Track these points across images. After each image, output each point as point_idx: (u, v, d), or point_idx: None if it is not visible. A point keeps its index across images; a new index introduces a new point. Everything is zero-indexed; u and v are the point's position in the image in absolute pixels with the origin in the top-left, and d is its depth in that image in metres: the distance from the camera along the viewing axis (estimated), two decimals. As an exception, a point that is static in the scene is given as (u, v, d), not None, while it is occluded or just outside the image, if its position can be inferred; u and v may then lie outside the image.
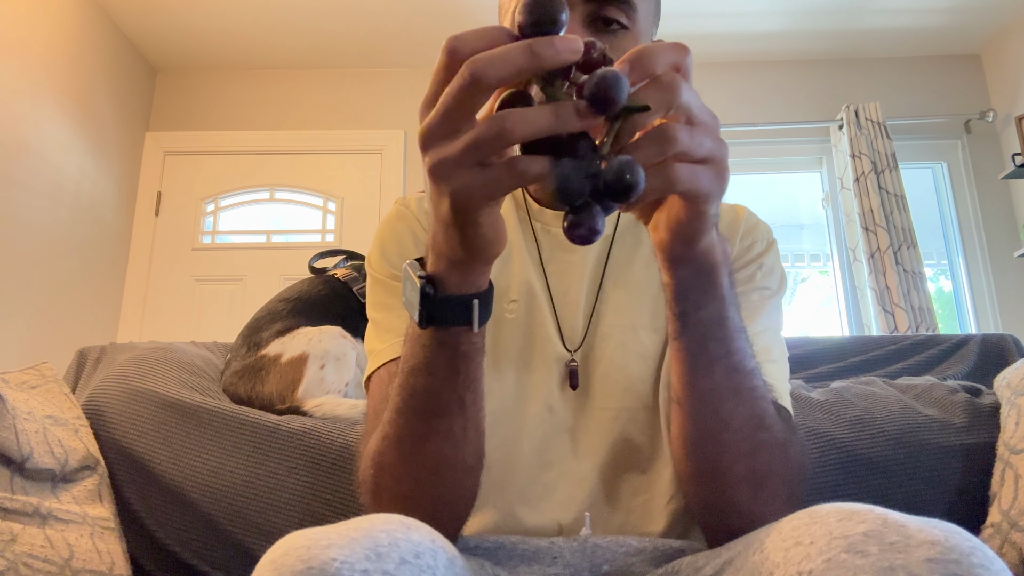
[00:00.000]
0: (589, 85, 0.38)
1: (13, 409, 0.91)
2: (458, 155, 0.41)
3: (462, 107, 0.40)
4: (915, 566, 0.38)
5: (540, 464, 0.69)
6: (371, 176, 3.38)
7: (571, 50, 0.39)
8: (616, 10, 0.66)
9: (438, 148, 0.42)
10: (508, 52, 0.39)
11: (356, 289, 1.47)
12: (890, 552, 0.39)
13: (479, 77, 0.39)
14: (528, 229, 0.76)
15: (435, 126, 0.42)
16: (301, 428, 1.14)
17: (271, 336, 1.35)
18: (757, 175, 3.66)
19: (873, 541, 0.40)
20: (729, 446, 0.58)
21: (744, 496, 0.59)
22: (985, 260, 3.19)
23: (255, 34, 3.26)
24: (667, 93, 0.41)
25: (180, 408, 1.15)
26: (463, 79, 0.39)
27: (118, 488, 1.06)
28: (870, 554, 0.40)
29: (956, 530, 0.41)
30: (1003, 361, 1.25)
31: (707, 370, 0.56)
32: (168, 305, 3.21)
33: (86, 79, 2.96)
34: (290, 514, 1.05)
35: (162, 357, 1.26)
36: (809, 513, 0.46)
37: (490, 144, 0.40)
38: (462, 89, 0.39)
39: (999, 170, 3.20)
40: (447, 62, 0.41)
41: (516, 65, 0.38)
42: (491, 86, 0.39)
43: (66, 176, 2.82)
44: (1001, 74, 3.30)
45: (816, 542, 0.42)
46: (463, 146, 0.41)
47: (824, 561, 0.41)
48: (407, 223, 0.78)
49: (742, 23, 3.24)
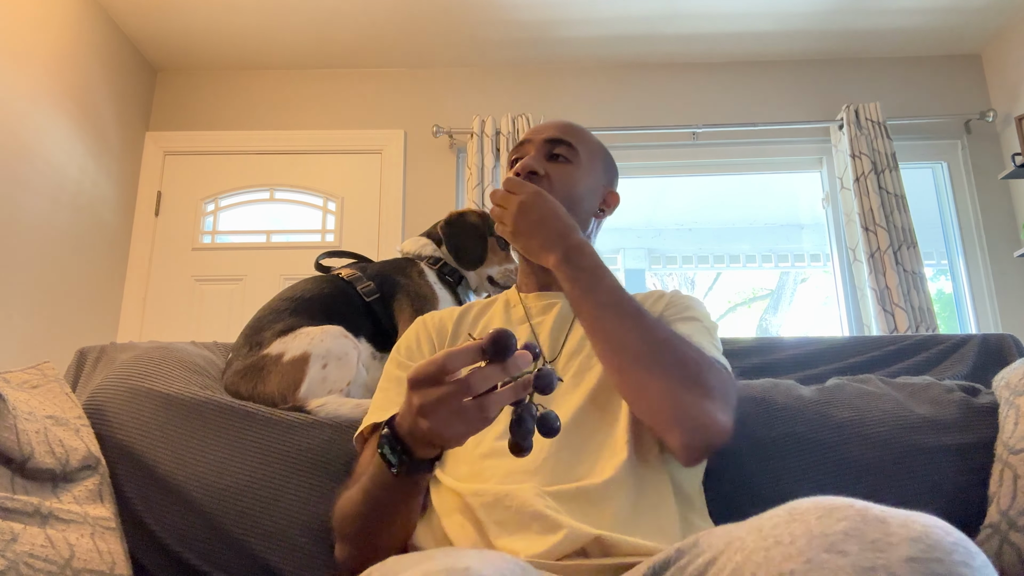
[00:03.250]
0: (539, 378, 0.65)
1: (14, 409, 0.91)
2: (436, 400, 0.65)
3: (446, 393, 0.65)
4: (896, 566, 0.39)
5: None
6: (371, 176, 3.38)
7: (527, 363, 0.64)
8: (562, 149, 1.06)
9: (423, 395, 0.66)
10: (491, 373, 0.64)
11: (360, 288, 1.47)
12: (871, 551, 0.40)
13: (469, 388, 0.64)
14: (520, 305, 1.09)
15: (422, 380, 0.66)
16: (307, 428, 1.14)
17: (273, 335, 1.35)
18: (757, 175, 3.66)
19: (853, 540, 0.41)
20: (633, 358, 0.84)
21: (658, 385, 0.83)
22: (985, 260, 3.19)
23: (255, 34, 3.27)
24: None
25: (184, 406, 1.15)
26: (462, 387, 0.64)
27: (119, 488, 1.05)
28: (850, 553, 0.40)
29: (938, 524, 0.41)
30: (1003, 361, 1.25)
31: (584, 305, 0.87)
32: (168, 305, 3.21)
33: (86, 79, 2.96)
34: (293, 515, 1.04)
35: (163, 356, 1.26)
36: (788, 510, 0.47)
37: (460, 393, 0.64)
38: (459, 392, 0.64)
39: (999, 170, 3.20)
40: (439, 372, 0.65)
41: (494, 380, 0.64)
42: (475, 394, 0.64)
43: (66, 176, 2.83)
44: (1001, 74, 3.31)
45: (796, 541, 0.43)
46: (441, 394, 0.64)
47: (805, 562, 0.41)
48: (423, 329, 1.09)
49: (742, 23, 3.24)
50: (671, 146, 3.42)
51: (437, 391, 0.65)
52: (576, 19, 3.20)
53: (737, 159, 3.44)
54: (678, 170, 3.52)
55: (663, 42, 3.37)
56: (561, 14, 3.16)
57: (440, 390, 0.65)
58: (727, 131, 3.37)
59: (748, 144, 3.40)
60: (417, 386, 0.67)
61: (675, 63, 3.51)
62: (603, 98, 3.47)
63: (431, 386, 0.65)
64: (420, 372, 0.66)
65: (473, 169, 3.19)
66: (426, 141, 3.39)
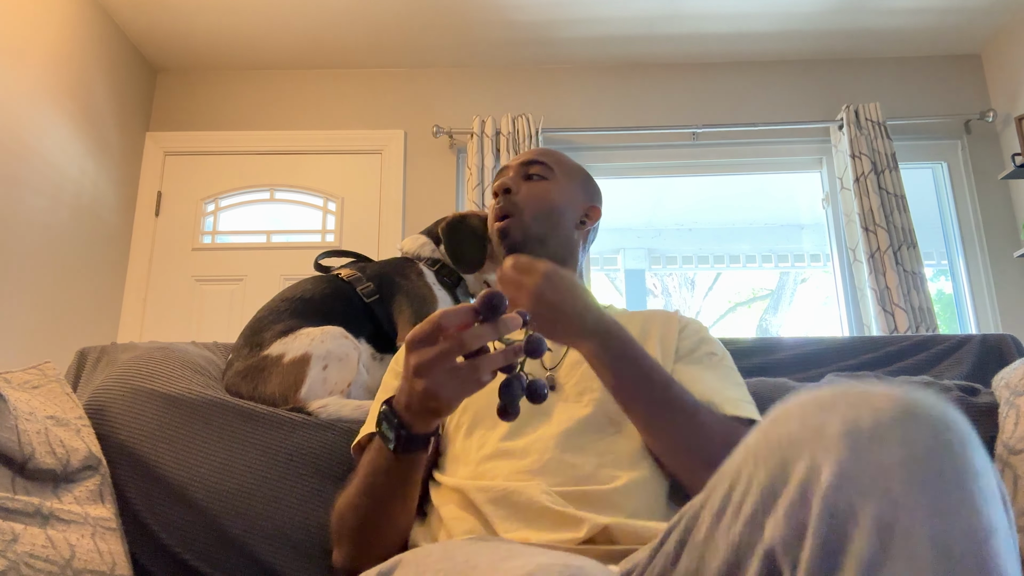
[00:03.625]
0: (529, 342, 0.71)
1: (15, 409, 0.92)
2: (432, 358, 0.69)
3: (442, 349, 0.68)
4: (878, 400, 0.44)
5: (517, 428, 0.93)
6: (371, 176, 3.38)
7: (516, 326, 0.68)
8: (537, 169, 1.15)
9: (419, 354, 0.70)
10: (485, 333, 0.67)
11: (360, 289, 1.46)
12: (856, 399, 0.45)
13: (463, 345, 0.67)
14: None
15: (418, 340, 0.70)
16: (311, 429, 1.14)
17: (273, 336, 1.34)
18: (757, 175, 3.66)
19: (840, 398, 0.46)
20: (665, 434, 0.86)
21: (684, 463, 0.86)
22: (985, 260, 3.19)
23: (256, 34, 3.27)
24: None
25: (187, 406, 1.14)
26: (456, 343, 0.67)
27: (120, 488, 1.05)
28: (837, 407, 0.45)
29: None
30: (1003, 361, 1.25)
31: (636, 402, 0.86)
32: (168, 305, 3.21)
33: (86, 79, 2.96)
34: (295, 517, 1.04)
35: (165, 356, 1.26)
36: (775, 410, 0.51)
37: (454, 350, 0.68)
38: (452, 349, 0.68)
39: (999, 170, 3.21)
40: (434, 331, 0.69)
41: (486, 338, 0.68)
42: (469, 351, 0.68)
43: (66, 176, 2.83)
44: (1001, 74, 3.31)
45: (791, 409, 0.48)
46: (437, 352, 0.68)
47: (800, 423, 0.46)
48: None
49: (742, 24, 3.24)
50: (671, 146, 3.42)
51: (432, 349, 0.69)
52: (576, 19, 3.20)
53: (737, 159, 3.44)
54: (678, 170, 3.52)
55: (663, 42, 3.37)
56: (561, 14, 3.16)
57: (435, 348, 0.68)
58: (727, 131, 3.37)
59: (748, 144, 3.40)
60: (414, 346, 0.70)
61: (675, 63, 3.51)
62: (603, 98, 3.47)
63: (427, 345, 0.69)
64: (416, 332, 0.70)
65: (473, 169, 3.19)
66: (426, 141, 3.39)
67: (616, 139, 3.41)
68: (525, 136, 3.21)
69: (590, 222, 1.18)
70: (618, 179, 3.53)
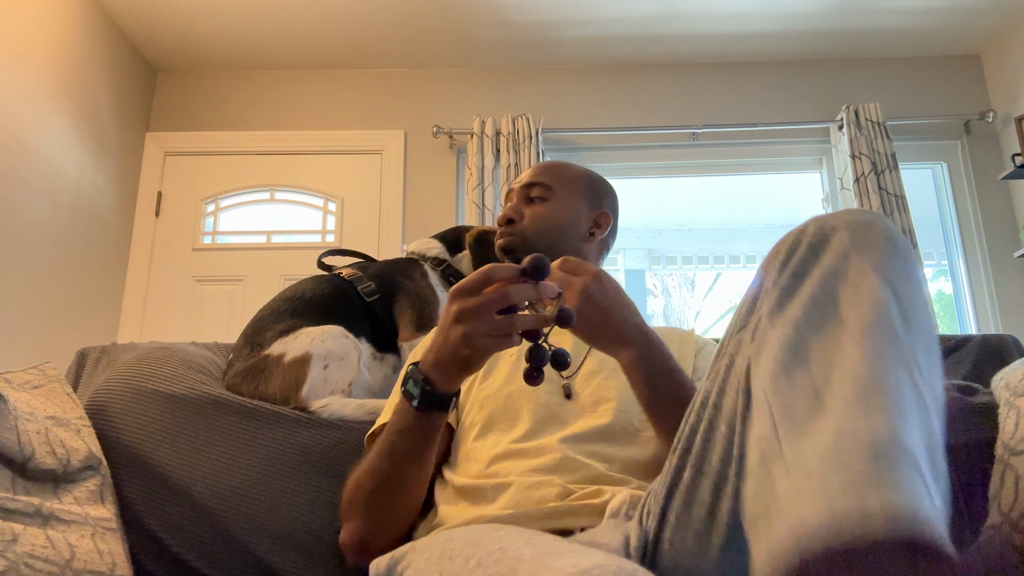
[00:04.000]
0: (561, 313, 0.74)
1: (15, 410, 0.91)
2: (475, 306, 0.72)
3: (486, 297, 0.72)
4: (839, 216, 0.59)
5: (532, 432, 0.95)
6: (371, 176, 3.38)
7: (553, 293, 0.74)
8: (537, 191, 1.19)
9: (463, 302, 0.73)
10: (527, 291, 0.72)
11: (361, 289, 1.46)
12: (845, 213, 0.60)
13: (507, 296, 0.71)
14: None
15: (465, 289, 0.73)
16: (315, 428, 1.13)
17: (274, 336, 1.34)
18: (757, 175, 3.66)
19: (835, 214, 0.61)
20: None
21: None
22: (985, 260, 3.19)
23: (256, 34, 3.27)
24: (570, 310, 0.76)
25: (190, 406, 1.14)
26: (500, 294, 0.71)
27: (122, 488, 1.05)
28: (836, 215, 0.60)
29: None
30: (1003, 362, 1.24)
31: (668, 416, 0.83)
32: (168, 305, 3.21)
33: (86, 79, 2.96)
34: (299, 518, 1.04)
35: (166, 356, 1.26)
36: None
37: (498, 300, 0.71)
38: (497, 299, 0.71)
39: (999, 170, 3.21)
40: (484, 279, 0.73)
41: (527, 296, 0.72)
42: (512, 303, 0.72)
43: (66, 176, 2.83)
44: (1001, 74, 3.31)
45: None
46: (480, 300, 0.72)
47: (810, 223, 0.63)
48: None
49: (742, 24, 3.24)
50: (671, 146, 3.42)
51: (477, 299, 0.73)
52: (576, 19, 3.20)
53: (737, 159, 3.44)
54: (678, 170, 3.52)
55: (663, 42, 3.37)
56: (561, 14, 3.16)
57: (480, 298, 0.73)
58: (727, 131, 3.37)
59: (748, 144, 3.40)
60: (459, 295, 0.74)
61: (675, 63, 3.51)
62: (603, 98, 3.47)
63: (472, 295, 0.74)
64: (464, 282, 0.74)
65: (473, 169, 3.19)
66: (426, 141, 3.39)
67: (616, 139, 3.40)
68: (525, 136, 3.21)
69: (600, 231, 1.20)
70: (618, 179, 3.52)
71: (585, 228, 1.18)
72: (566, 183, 1.20)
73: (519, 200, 1.20)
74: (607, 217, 1.21)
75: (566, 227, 1.16)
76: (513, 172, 3.18)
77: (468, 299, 0.73)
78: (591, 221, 1.19)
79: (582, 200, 1.20)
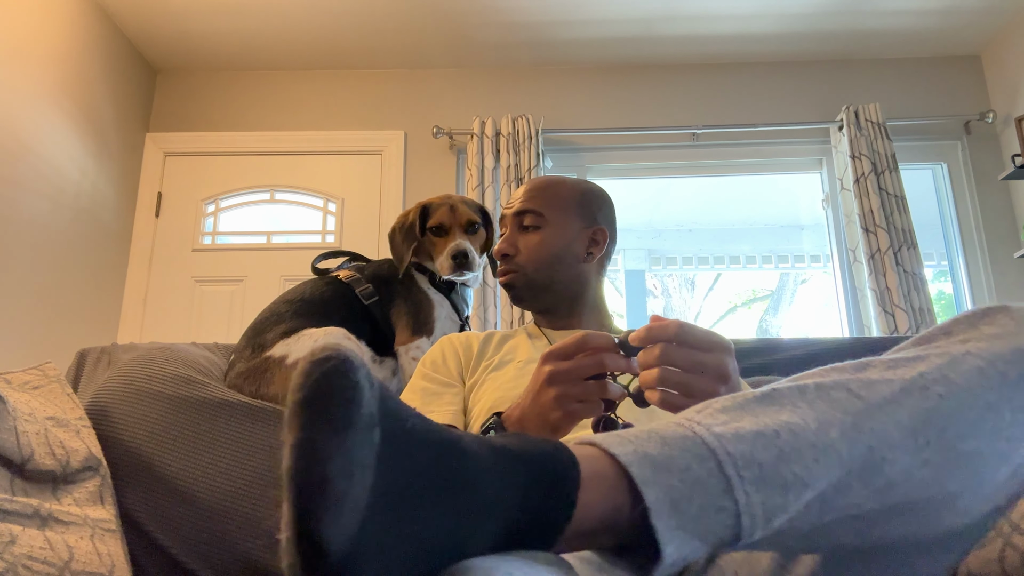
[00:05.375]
0: (638, 393, 0.74)
1: (14, 411, 0.91)
2: (568, 369, 0.73)
3: (581, 363, 0.73)
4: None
5: None
6: (371, 177, 3.38)
7: (638, 370, 0.72)
8: (529, 219, 1.18)
9: (557, 365, 0.74)
10: (619, 361, 0.72)
11: (359, 291, 1.46)
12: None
13: (599, 366, 0.72)
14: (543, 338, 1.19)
15: (560, 353, 0.75)
16: None
17: (275, 337, 1.34)
18: (757, 176, 3.66)
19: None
20: None
21: None
22: (985, 261, 3.18)
23: (255, 35, 3.27)
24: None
25: (192, 406, 1.13)
26: (595, 361, 0.72)
27: (122, 490, 1.04)
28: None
29: None
30: (1003, 362, 1.24)
31: None
32: (168, 306, 3.21)
33: (86, 80, 2.96)
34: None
35: (167, 357, 1.26)
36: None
37: (590, 368, 0.72)
38: (591, 365, 0.73)
39: (999, 171, 3.20)
40: (580, 345, 0.74)
41: (620, 368, 0.73)
42: (604, 371, 0.73)
43: (66, 177, 2.83)
44: (1001, 75, 3.31)
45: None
46: (574, 364, 0.73)
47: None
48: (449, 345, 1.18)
49: (742, 24, 3.24)
50: (671, 147, 3.42)
51: (571, 363, 0.74)
52: (576, 20, 3.20)
53: (737, 160, 3.44)
54: (678, 171, 3.52)
55: (663, 43, 3.37)
56: (561, 15, 3.16)
57: (574, 362, 0.74)
58: (727, 132, 3.37)
59: (748, 145, 3.40)
60: (552, 358, 0.75)
61: (675, 64, 3.51)
62: (603, 98, 3.47)
63: (565, 358, 0.74)
64: (559, 346, 0.75)
65: (473, 170, 3.19)
66: (426, 142, 3.39)
67: (616, 139, 3.40)
68: (525, 136, 3.21)
69: (598, 248, 1.19)
70: (618, 179, 3.53)
71: (582, 249, 1.18)
72: (557, 205, 1.19)
73: (512, 230, 1.20)
74: (603, 233, 1.20)
75: (563, 254, 1.16)
76: (513, 172, 3.18)
77: (562, 363, 0.74)
78: (587, 240, 1.19)
79: (575, 220, 1.19)
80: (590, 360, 0.73)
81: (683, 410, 0.73)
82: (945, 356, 0.54)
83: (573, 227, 1.18)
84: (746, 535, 0.45)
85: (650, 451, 0.46)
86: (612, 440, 0.48)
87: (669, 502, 0.44)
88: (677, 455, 0.46)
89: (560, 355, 0.75)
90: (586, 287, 1.19)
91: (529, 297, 1.18)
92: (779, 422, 0.48)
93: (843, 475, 0.47)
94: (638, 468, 0.45)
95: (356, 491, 0.37)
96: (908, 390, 0.51)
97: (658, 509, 0.44)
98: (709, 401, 0.53)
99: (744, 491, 0.45)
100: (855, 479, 0.47)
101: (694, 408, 0.52)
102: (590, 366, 0.72)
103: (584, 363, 0.73)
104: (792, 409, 0.50)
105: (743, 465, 0.46)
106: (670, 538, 0.43)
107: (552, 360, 0.75)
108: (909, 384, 0.52)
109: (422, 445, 0.41)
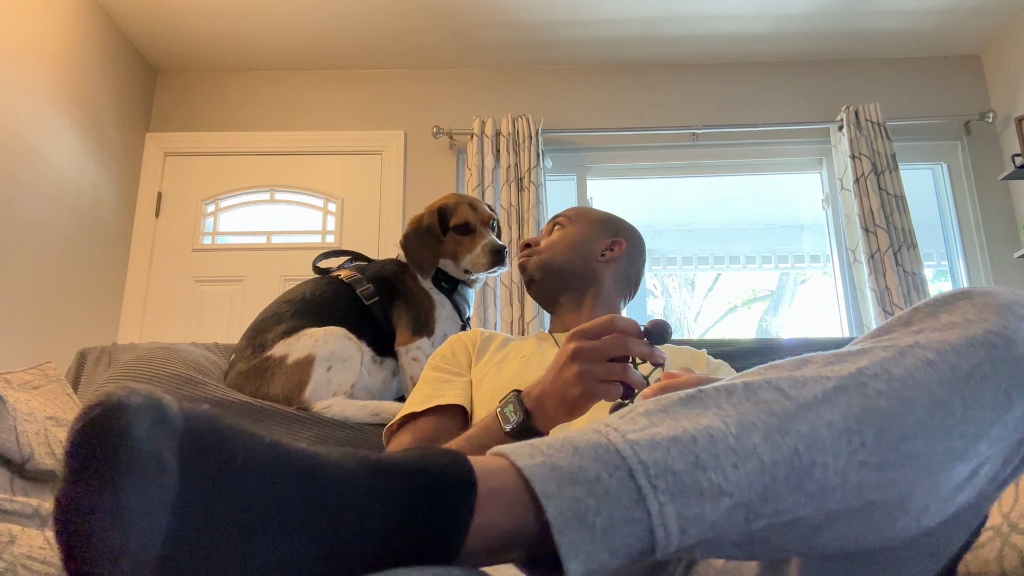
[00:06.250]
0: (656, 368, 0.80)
1: (14, 410, 0.91)
2: (593, 347, 0.76)
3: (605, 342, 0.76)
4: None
5: None
6: (371, 177, 3.38)
7: (663, 358, 0.77)
8: (560, 220, 1.30)
9: (583, 342, 0.76)
10: (642, 347, 0.75)
11: (360, 291, 1.46)
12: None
13: (623, 347, 0.75)
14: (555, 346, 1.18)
15: (587, 332, 0.77)
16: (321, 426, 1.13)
17: (276, 337, 1.34)
18: (757, 176, 3.66)
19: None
20: None
21: None
22: (985, 261, 3.18)
23: (255, 35, 3.27)
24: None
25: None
26: (619, 342, 0.75)
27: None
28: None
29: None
30: (1003, 362, 1.24)
31: None
32: (168, 306, 3.21)
33: (86, 80, 2.96)
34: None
35: (167, 356, 1.26)
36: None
37: (614, 347, 0.75)
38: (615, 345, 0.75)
39: (999, 171, 3.20)
40: (607, 327, 0.76)
41: (642, 353, 0.76)
42: (627, 354, 0.75)
43: (67, 177, 2.83)
44: (1001, 75, 3.31)
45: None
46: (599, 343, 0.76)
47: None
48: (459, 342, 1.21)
49: (742, 24, 3.24)
50: (671, 146, 3.42)
51: (595, 342, 0.76)
52: (576, 20, 3.20)
53: (737, 160, 3.44)
54: (678, 171, 3.52)
55: (663, 43, 3.37)
56: (561, 15, 3.16)
57: (599, 341, 0.76)
58: (727, 132, 3.37)
59: (748, 145, 3.40)
60: (578, 336, 0.78)
61: (675, 64, 3.51)
62: (603, 98, 3.47)
63: (591, 338, 0.77)
64: (586, 325, 0.78)
65: (473, 170, 3.19)
66: (426, 142, 3.39)
67: (616, 139, 3.40)
68: (525, 137, 3.21)
69: (612, 254, 1.26)
70: (618, 179, 3.54)
71: (598, 249, 1.25)
72: (587, 219, 1.30)
73: (543, 233, 1.32)
74: (622, 244, 1.27)
75: (578, 246, 1.25)
76: (513, 172, 3.18)
77: (587, 341, 0.76)
78: (605, 245, 1.26)
79: (597, 230, 1.29)
80: (615, 341, 0.75)
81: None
82: (891, 349, 0.51)
83: (593, 233, 1.28)
84: (661, 546, 0.43)
85: (559, 462, 0.44)
86: (523, 451, 0.46)
87: (574, 515, 0.42)
88: (588, 465, 0.44)
89: (586, 334, 0.77)
90: (595, 284, 1.22)
91: (539, 278, 1.24)
92: (699, 427, 0.46)
93: (768, 481, 0.45)
94: (541, 482, 0.43)
95: (138, 539, 0.35)
96: (843, 388, 0.49)
97: (560, 524, 0.42)
98: (635, 403, 0.52)
99: (657, 501, 0.43)
100: (782, 484, 0.45)
101: (619, 412, 0.51)
102: (615, 347, 0.75)
103: (609, 343, 0.75)
104: (716, 412, 0.48)
105: (656, 474, 0.43)
106: (574, 552, 0.42)
107: (578, 338, 0.77)
108: (845, 381, 0.49)
109: (264, 475, 0.40)
